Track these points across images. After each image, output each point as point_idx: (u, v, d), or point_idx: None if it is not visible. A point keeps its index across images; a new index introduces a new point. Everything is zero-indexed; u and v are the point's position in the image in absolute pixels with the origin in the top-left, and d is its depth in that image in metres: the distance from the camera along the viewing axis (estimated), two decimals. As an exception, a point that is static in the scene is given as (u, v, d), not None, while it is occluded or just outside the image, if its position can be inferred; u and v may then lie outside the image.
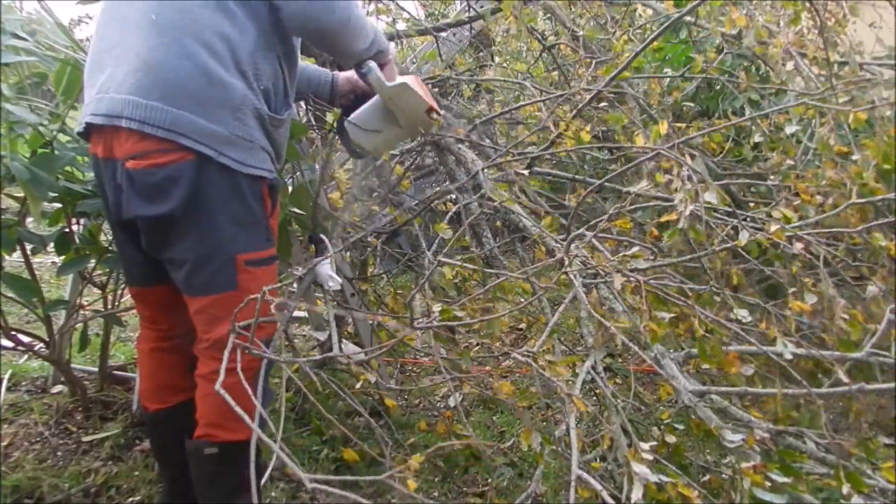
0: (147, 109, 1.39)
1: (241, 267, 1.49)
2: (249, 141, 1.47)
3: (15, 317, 3.05)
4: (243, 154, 1.46)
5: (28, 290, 1.95)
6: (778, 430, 1.36)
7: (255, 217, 1.52)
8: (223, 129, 1.42)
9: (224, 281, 1.49)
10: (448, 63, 3.09)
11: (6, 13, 1.88)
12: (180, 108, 1.39)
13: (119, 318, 2.32)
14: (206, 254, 1.48)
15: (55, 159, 1.80)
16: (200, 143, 1.40)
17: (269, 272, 1.56)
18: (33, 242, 1.91)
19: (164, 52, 1.41)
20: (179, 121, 1.39)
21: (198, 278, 1.50)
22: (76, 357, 2.53)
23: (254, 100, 1.47)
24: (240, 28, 1.45)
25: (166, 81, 1.40)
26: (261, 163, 1.50)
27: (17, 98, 1.81)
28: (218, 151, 1.42)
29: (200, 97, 1.41)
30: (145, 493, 2.00)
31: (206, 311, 1.52)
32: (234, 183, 1.46)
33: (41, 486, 1.97)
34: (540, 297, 1.71)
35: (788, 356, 1.36)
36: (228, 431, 1.51)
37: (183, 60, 1.40)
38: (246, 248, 1.50)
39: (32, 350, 2.28)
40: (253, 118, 1.48)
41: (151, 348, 1.73)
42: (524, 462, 2.19)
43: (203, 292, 1.51)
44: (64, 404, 2.37)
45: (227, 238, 1.48)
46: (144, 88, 1.41)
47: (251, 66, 1.46)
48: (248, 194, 1.49)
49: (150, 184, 1.42)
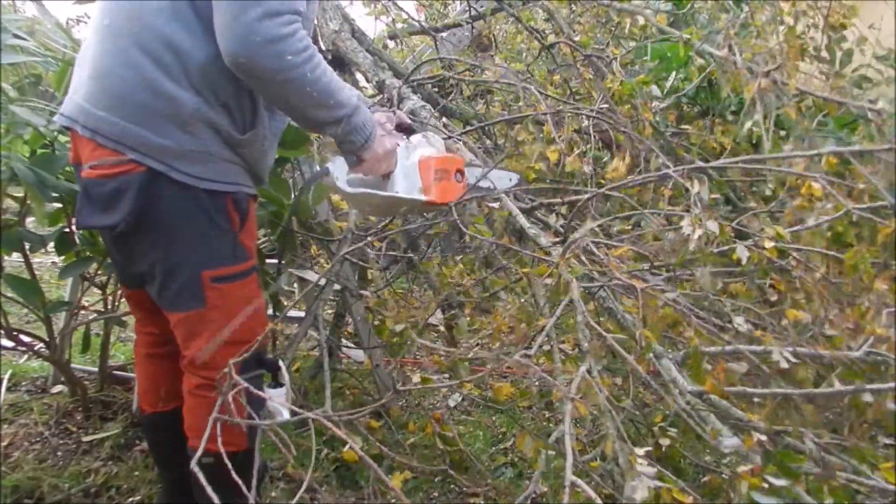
0: (97, 119, 1.36)
1: (206, 284, 1.44)
2: (206, 154, 1.39)
3: (15, 317, 3.05)
4: (199, 168, 1.38)
5: (29, 290, 1.95)
6: (776, 431, 1.36)
7: (218, 232, 1.44)
8: (171, 143, 1.35)
9: (191, 298, 1.45)
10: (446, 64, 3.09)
11: (6, 13, 1.88)
12: (127, 119, 1.35)
13: (121, 319, 2.33)
14: (169, 270, 1.44)
15: (56, 160, 1.80)
16: (148, 156, 1.35)
17: (242, 287, 1.49)
18: (34, 242, 1.92)
19: (111, 61, 1.37)
20: (126, 133, 1.34)
21: (166, 294, 1.47)
22: (76, 357, 2.53)
23: (209, 113, 1.37)
24: (196, 40, 1.35)
25: (113, 92, 1.36)
26: (221, 176, 1.42)
27: (21, 99, 1.81)
28: (168, 165, 1.36)
29: (146, 109, 1.34)
30: (145, 493, 2.00)
31: (180, 326, 1.50)
32: (191, 198, 1.39)
33: (41, 486, 1.97)
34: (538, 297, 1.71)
35: (784, 364, 1.36)
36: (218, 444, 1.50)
37: (128, 70, 1.35)
38: (210, 265, 1.44)
39: (33, 350, 2.28)
40: (209, 131, 1.39)
41: (147, 354, 1.73)
42: (524, 462, 2.19)
43: (173, 308, 1.49)
44: (64, 404, 2.37)
45: (190, 254, 1.43)
46: (94, 97, 1.38)
47: (204, 79, 1.36)
48: (210, 209, 1.42)
49: (101, 194, 1.39)
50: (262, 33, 1.27)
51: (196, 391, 1.52)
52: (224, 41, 1.29)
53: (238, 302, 1.47)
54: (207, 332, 1.46)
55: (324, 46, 2.64)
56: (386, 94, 2.49)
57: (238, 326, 1.47)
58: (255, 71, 1.30)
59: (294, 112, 1.44)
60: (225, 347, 1.47)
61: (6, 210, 1.91)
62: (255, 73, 1.31)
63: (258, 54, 1.28)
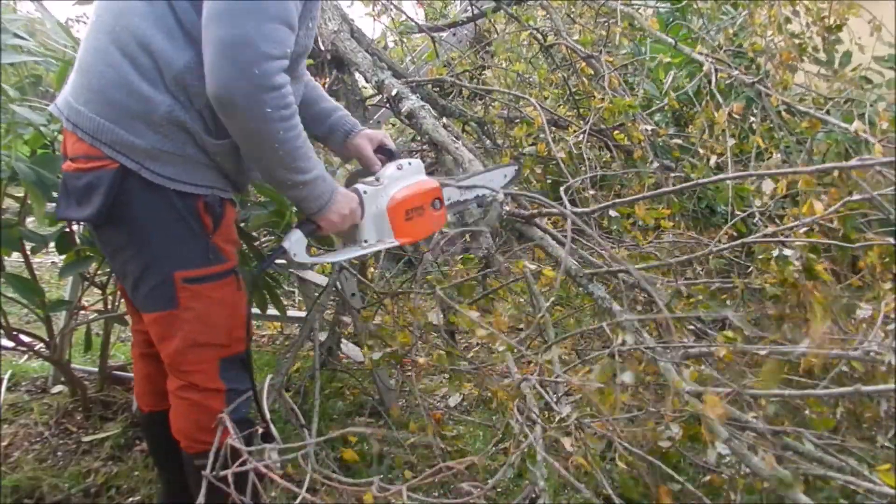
0: (77, 114, 1.38)
1: (179, 285, 1.43)
2: (178, 156, 1.38)
3: (15, 317, 3.05)
4: (171, 169, 1.38)
5: (29, 290, 1.95)
6: (775, 430, 1.36)
7: (190, 234, 1.43)
8: (144, 143, 1.35)
9: (163, 298, 1.44)
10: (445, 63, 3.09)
11: (6, 13, 1.88)
12: (103, 116, 1.36)
13: (121, 318, 2.33)
14: (142, 269, 1.44)
15: (56, 160, 1.79)
16: (121, 153, 1.35)
17: (216, 289, 1.48)
18: (34, 242, 1.92)
19: (93, 57, 1.39)
20: (101, 129, 1.36)
21: (140, 293, 1.47)
22: (76, 357, 2.54)
23: (183, 117, 1.36)
24: (175, 45, 1.34)
25: (92, 87, 1.38)
26: (193, 178, 1.41)
27: (22, 99, 1.81)
28: (140, 164, 1.36)
29: (121, 108, 1.35)
30: (145, 493, 2.00)
31: (154, 326, 1.50)
32: (163, 198, 1.39)
33: (41, 486, 1.98)
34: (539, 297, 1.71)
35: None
36: (205, 444, 1.45)
37: (107, 68, 1.36)
38: (183, 266, 1.43)
39: (33, 350, 2.28)
40: (182, 134, 1.38)
41: (141, 353, 1.74)
42: (524, 462, 2.19)
43: (147, 308, 1.49)
44: (64, 404, 2.37)
45: (162, 254, 1.42)
46: (76, 91, 1.40)
47: (180, 84, 1.35)
48: (181, 210, 1.41)
49: (76, 187, 1.41)
50: (256, 80, 1.27)
51: (178, 392, 1.52)
52: (215, 77, 1.28)
53: (212, 304, 1.47)
54: (181, 332, 1.46)
55: (323, 47, 2.65)
56: (385, 94, 2.50)
57: (214, 328, 1.48)
58: (236, 113, 1.31)
59: (256, 162, 1.43)
60: (201, 350, 1.48)
61: (6, 210, 1.91)
62: (234, 114, 1.31)
63: (245, 100, 1.28)
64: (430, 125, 2.31)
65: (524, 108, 2.91)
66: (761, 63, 2.83)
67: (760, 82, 2.52)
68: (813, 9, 2.74)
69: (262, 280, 2.08)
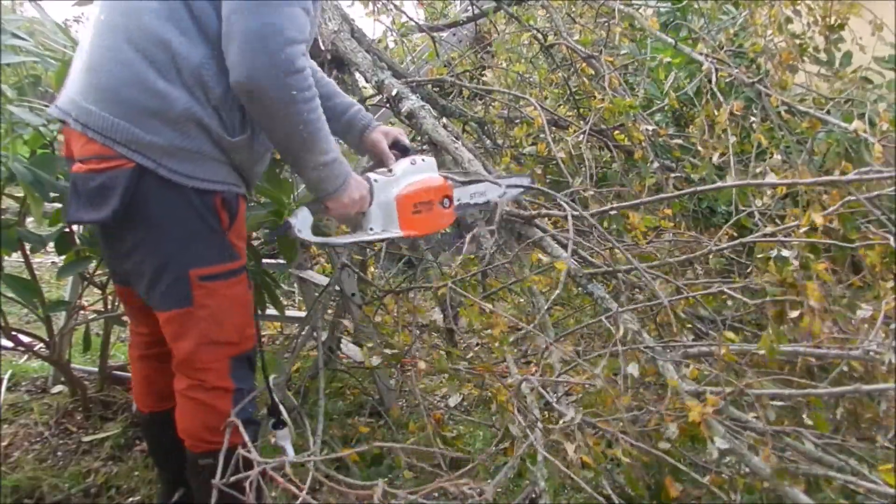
0: (88, 113, 1.37)
1: (194, 282, 1.43)
2: (195, 152, 1.38)
3: (15, 317, 3.05)
4: (189, 166, 1.38)
5: (28, 290, 1.95)
6: (775, 430, 1.36)
7: (207, 231, 1.44)
8: (161, 140, 1.35)
9: (179, 296, 1.44)
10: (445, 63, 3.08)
11: (6, 13, 1.88)
12: (116, 115, 1.34)
13: (121, 319, 2.33)
14: (158, 267, 1.44)
15: (56, 160, 1.80)
16: (137, 152, 1.35)
17: (229, 286, 1.48)
18: (33, 242, 1.92)
19: (103, 56, 1.38)
20: (115, 128, 1.34)
21: (155, 292, 1.46)
22: (76, 357, 2.53)
23: (200, 113, 1.37)
24: (190, 41, 1.35)
25: (103, 86, 1.37)
26: (211, 175, 1.41)
27: (20, 99, 1.81)
28: (157, 162, 1.35)
29: (135, 106, 1.35)
30: (145, 493, 2.00)
31: (168, 325, 1.49)
32: (180, 195, 1.39)
33: (41, 486, 1.98)
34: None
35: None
36: (210, 444, 1.48)
37: (119, 66, 1.35)
38: (199, 263, 1.43)
39: (33, 350, 2.28)
40: (199, 130, 1.38)
41: (140, 355, 1.73)
42: (524, 462, 2.18)
43: (162, 306, 1.48)
44: (64, 404, 2.38)
45: (178, 252, 1.42)
46: (85, 91, 1.39)
47: (197, 80, 1.36)
48: (199, 207, 1.41)
49: (89, 189, 1.39)
50: (283, 66, 1.31)
51: (186, 392, 1.52)
52: (245, 66, 1.31)
53: (226, 301, 1.47)
54: (195, 330, 1.46)
55: (323, 47, 2.64)
56: (385, 94, 2.49)
57: (227, 326, 1.48)
58: (264, 99, 1.34)
59: (280, 144, 1.46)
60: (214, 348, 1.48)
61: (6, 210, 1.91)
62: (262, 100, 1.34)
63: (273, 85, 1.32)
64: (429, 125, 2.31)
65: (524, 108, 2.90)
66: (762, 63, 2.82)
67: (760, 82, 2.52)
68: (815, 8, 2.73)
69: (262, 279, 2.08)
